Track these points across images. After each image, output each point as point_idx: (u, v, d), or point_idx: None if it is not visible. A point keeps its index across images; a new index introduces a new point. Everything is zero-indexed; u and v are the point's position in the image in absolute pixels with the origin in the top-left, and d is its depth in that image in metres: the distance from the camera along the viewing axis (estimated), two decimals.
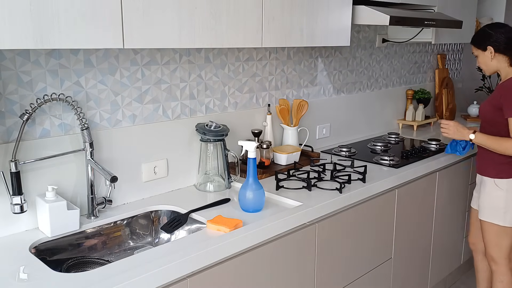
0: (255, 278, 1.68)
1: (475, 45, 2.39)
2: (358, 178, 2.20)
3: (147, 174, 1.97)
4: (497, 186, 2.35)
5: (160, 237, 1.90)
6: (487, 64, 2.37)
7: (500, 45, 2.30)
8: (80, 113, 1.65)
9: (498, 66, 2.35)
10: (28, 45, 1.26)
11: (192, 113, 2.11)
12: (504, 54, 2.31)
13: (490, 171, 2.37)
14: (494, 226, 2.39)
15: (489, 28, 2.35)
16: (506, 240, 2.40)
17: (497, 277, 2.48)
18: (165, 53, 1.97)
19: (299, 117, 2.52)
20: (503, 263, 2.44)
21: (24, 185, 1.59)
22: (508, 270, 2.45)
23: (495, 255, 2.44)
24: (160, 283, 1.39)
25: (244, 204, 1.81)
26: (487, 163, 2.39)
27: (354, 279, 2.16)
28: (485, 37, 2.33)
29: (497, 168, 2.34)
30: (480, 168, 2.46)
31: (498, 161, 2.33)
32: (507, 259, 2.44)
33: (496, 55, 2.32)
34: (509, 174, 2.32)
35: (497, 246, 2.42)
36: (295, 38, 2.03)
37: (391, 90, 3.36)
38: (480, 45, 2.36)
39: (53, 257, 1.61)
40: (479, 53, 2.38)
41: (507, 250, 2.43)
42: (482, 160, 2.43)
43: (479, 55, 2.38)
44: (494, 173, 2.36)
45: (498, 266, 2.46)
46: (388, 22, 2.27)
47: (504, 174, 2.33)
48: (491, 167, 2.37)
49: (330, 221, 1.96)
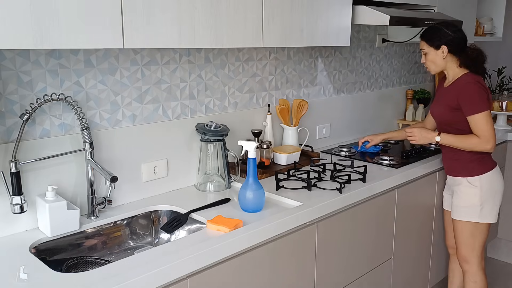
0: (255, 278, 1.68)
1: (427, 42, 2.31)
2: (358, 178, 2.20)
3: (147, 174, 1.97)
4: (471, 184, 2.36)
5: (160, 237, 1.90)
6: (436, 63, 2.32)
7: (453, 45, 2.27)
8: (80, 113, 1.65)
9: (446, 66, 2.33)
10: (28, 45, 1.26)
11: (192, 113, 2.12)
12: (455, 54, 2.30)
13: (461, 171, 2.38)
14: (469, 224, 2.39)
15: (444, 26, 2.29)
16: (480, 238, 2.41)
17: (470, 278, 2.47)
18: (165, 53, 1.97)
19: (299, 117, 2.52)
20: (475, 262, 2.44)
21: (24, 185, 1.59)
22: (480, 270, 2.45)
23: (468, 255, 2.44)
24: (160, 283, 1.39)
25: (244, 204, 1.81)
26: (456, 164, 2.40)
27: (354, 279, 2.16)
28: (441, 36, 2.27)
29: (467, 167, 2.36)
30: (450, 169, 2.46)
31: (466, 160, 2.35)
32: (479, 258, 2.44)
33: (448, 55, 2.29)
34: (480, 171, 2.35)
35: (470, 245, 2.42)
36: (295, 38, 2.03)
37: (391, 90, 3.36)
38: (433, 43, 2.29)
39: (53, 257, 1.61)
40: (431, 50, 2.30)
41: (480, 248, 2.43)
42: (450, 161, 2.43)
43: (430, 53, 2.31)
44: (466, 173, 2.37)
45: (470, 266, 2.45)
46: (388, 22, 2.27)
47: (475, 171, 2.35)
48: (461, 167, 2.38)
49: (330, 221, 1.96)
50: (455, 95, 2.28)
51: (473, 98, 2.23)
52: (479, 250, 2.43)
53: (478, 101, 2.22)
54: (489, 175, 2.36)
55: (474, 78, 2.28)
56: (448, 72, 2.36)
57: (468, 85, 2.26)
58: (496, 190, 2.39)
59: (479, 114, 2.21)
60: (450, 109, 2.31)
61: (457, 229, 2.45)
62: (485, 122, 2.21)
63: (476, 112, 2.21)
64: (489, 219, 2.39)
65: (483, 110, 2.21)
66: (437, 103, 2.44)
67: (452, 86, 2.33)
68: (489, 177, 2.36)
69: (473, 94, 2.23)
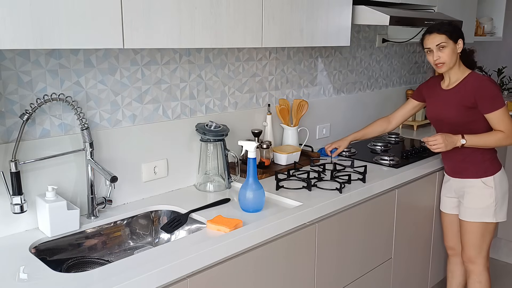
0: (255, 278, 1.68)
1: (447, 35, 2.24)
2: (358, 178, 2.20)
3: (147, 174, 1.97)
4: (486, 184, 2.35)
5: (160, 237, 1.90)
6: (452, 58, 2.26)
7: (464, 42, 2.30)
8: (80, 113, 1.65)
9: (456, 63, 2.30)
10: (28, 45, 1.27)
11: (192, 113, 2.12)
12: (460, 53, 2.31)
13: (476, 173, 2.37)
14: (481, 225, 2.39)
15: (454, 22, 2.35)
16: (488, 237, 2.42)
17: (475, 278, 2.47)
18: (165, 53, 1.97)
19: (299, 117, 2.52)
20: (481, 263, 2.44)
21: (24, 185, 1.59)
22: (485, 270, 2.45)
23: (474, 255, 2.43)
24: (160, 283, 1.39)
25: (244, 204, 1.81)
26: (468, 166, 2.38)
27: (354, 279, 2.16)
28: (457, 29, 2.30)
29: (481, 167, 2.36)
30: (460, 172, 2.42)
31: (479, 161, 2.35)
32: (485, 258, 2.44)
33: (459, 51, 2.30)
34: (493, 171, 2.36)
35: (479, 246, 2.42)
36: (295, 38, 2.03)
37: (391, 90, 3.36)
38: (452, 36, 2.25)
39: (53, 257, 1.61)
40: (450, 44, 2.24)
41: (487, 248, 2.44)
42: (461, 164, 2.40)
43: (448, 46, 2.24)
44: (481, 173, 2.36)
45: (475, 266, 2.45)
46: (388, 22, 2.27)
47: (489, 171, 2.35)
48: (475, 169, 2.37)
49: (330, 221, 1.96)
50: (470, 94, 2.25)
51: (492, 95, 2.24)
52: (485, 250, 2.43)
53: (497, 97, 2.24)
54: (500, 174, 2.38)
55: (483, 76, 2.32)
56: (451, 72, 2.32)
57: (484, 83, 2.26)
58: (506, 189, 2.42)
59: (500, 110, 2.23)
60: (466, 109, 2.27)
61: (467, 230, 2.43)
62: (507, 116, 2.24)
63: (497, 108, 2.22)
64: (502, 217, 2.40)
65: (502, 106, 2.24)
66: (444, 105, 2.35)
67: (461, 86, 2.30)
68: (500, 176, 2.38)
69: (492, 91, 2.24)
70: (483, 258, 2.44)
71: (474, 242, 2.42)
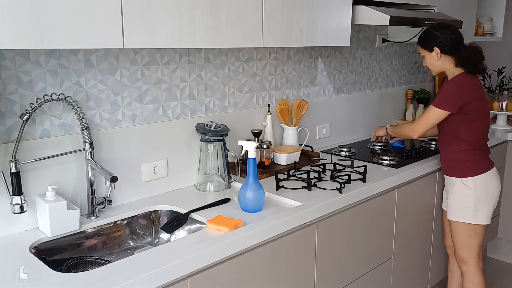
0: (255, 278, 1.68)
1: (421, 46, 2.39)
2: (358, 178, 2.20)
3: (147, 174, 1.97)
4: (465, 185, 2.36)
5: (160, 237, 1.90)
6: (434, 65, 2.38)
7: (446, 46, 2.30)
8: (80, 113, 1.65)
9: (444, 67, 2.36)
10: (28, 45, 1.27)
11: (192, 113, 2.12)
12: (450, 55, 2.31)
13: (456, 171, 2.39)
14: (464, 225, 2.39)
15: (434, 29, 2.34)
16: (476, 239, 2.41)
17: (468, 278, 2.47)
18: (165, 53, 1.97)
19: (299, 117, 2.52)
20: (473, 263, 2.44)
21: (24, 185, 1.59)
22: (477, 270, 2.45)
23: (465, 256, 2.44)
24: (160, 283, 1.39)
25: (244, 204, 1.81)
26: (451, 163, 2.40)
27: (354, 279, 2.16)
28: (431, 38, 2.32)
29: (461, 167, 2.36)
30: (446, 169, 2.46)
31: (461, 160, 2.36)
32: (476, 258, 2.44)
33: (442, 56, 2.32)
34: (474, 172, 2.35)
35: (467, 246, 2.42)
36: (295, 38, 2.03)
37: (391, 90, 3.36)
38: (426, 46, 2.36)
39: (53, 257, 1.61)
40: (426, 53, 2.37)
41: (477, 249, 2.43)
42: (446, 161, 2.44)
43: (426, 56, 2.38)
44: (460, 173, 2.37)
45: (468, 267, 2.45)
46: (388, 22, 2.27)
47: (470, 172, 2.35)
48: (456, 167, 2.38)
49: (330, 221, 1.96)
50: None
51: (443, 92, 2.30)
52: (476, 251, 2.43)
53: (444, 96, 2.28)
54: (483, 176, 2.36)
55: (457, 77, 2.31)
56: (447, 72, 2.38)
57: (449, 82, 2.32)
58: (492, 192, 2.39)
59: (433, 107, 2.29)
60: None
61: (453, 230, 2.45)
62: (430, 115, 2.30)
63: (434, 104, 2.29)
64: (483, 220, 2.38)
65: (439, 107, 2.27)
66: None
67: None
68: (483, 178, 2.36)
69: (446, 89, 2.30)
70: (474, 258, 2.43)
71: (461, 241, 2.43)
